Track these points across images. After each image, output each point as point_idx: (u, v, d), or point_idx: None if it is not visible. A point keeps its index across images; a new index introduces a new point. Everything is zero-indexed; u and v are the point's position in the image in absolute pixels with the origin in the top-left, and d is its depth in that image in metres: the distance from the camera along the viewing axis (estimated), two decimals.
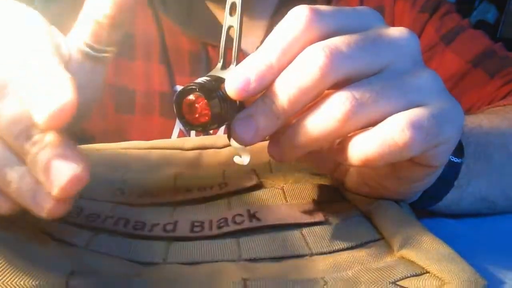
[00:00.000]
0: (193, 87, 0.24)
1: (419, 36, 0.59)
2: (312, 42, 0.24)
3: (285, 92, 0.24)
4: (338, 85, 0.24)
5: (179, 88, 0.59)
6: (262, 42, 0.25)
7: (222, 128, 0.58)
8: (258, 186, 0.33)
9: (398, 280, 0.22)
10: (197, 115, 0.25)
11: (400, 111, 0.23)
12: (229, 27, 0.26)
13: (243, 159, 0.27)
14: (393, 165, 0.27)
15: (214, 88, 0.25)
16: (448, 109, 0.24)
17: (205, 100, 0.24)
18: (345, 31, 0.24)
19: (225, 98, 0.25)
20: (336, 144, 0.25)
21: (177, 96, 0.25)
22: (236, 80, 0.24)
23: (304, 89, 0.23)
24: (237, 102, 0.25)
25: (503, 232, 0.34)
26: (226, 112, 0.25)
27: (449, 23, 0.59)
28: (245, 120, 0.25)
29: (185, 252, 0.26)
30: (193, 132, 0.59)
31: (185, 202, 0.32)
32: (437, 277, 0.22)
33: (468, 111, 0.54)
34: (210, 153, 0.38)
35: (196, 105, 0.25)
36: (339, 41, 0.23)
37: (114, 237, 0.26)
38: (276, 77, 0.24)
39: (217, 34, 0.27)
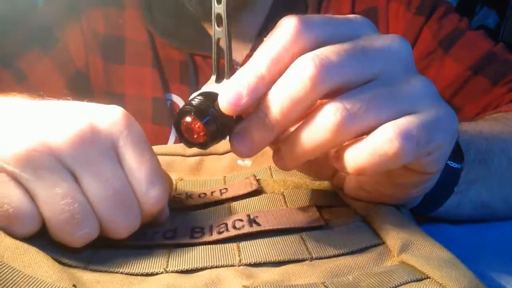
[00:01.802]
0: (188, 109, 0.25)
1: (416, 41, 0.58)
2: (302, 52, 0.24)
3: (277, 104, 0.24)
4: (331, 95, 0.24)
5: (171, 96, 0.59)
6: (251, 50, 0.25)
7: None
8: (259, 192, 0.33)
9: (398, 285, 0.22)
10: (195, 136, 0.25)
11: (392, 119, 0.23)
12: (219, 39, 0.27)
13: (246, 162, 0.28)
14: (390, 172, 0.27)
15: (208, 108, 0.25)
16: (440, 116, 0.24)
17: (201, 122, 0.25)
18: (335, 40, 0.24)
19: (220, 114, 0.25)
20: (333, 153, 0.25)
21: (175, 117, 0.26)
22: (228, 96, 0.24)
23: (296, 100, 0.23)
24: (234, 116, 0.26)
25: (504, 237, 0.34)
26: (223, 127, 0.25)
27: (447, 26, 0.57)
28: (240, 135, 0.25)
29: (185, 258, 0.26)
30: None
31: (186, 208, 0.32)
32: (438, 282, 0.22)
33: (472, 118, 0.53)
34: (211, 159, 0.38)
35: (193, 126, 0.25)
36: (329, 51, 0.23)
37: (113, 250, 0.26)
38: (269, 88, 0.24)
39: (204, 44, 0.27)
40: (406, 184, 0.28)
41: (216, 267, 0.25)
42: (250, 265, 0.25)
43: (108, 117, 0.26)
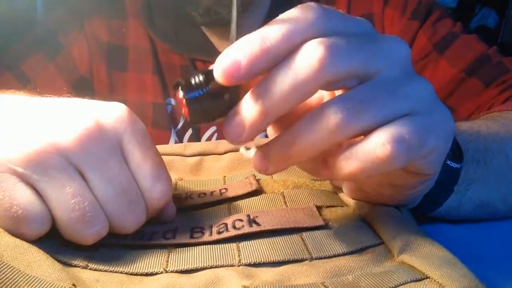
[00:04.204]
0: (179, 83, 0.24)
1: (411, 45, 0.59)
2: (314, 37, 0.23)
3: (277, 85, 0.22)
4: (332, 86, 0.24)
5: (171, 101, 0.60)
6: None
7: (218, 135, 0.59)
8: (259, 192, 0.33)
9: (398, 285, 0.22)
10: (183, 110, 0.25)
11: (390, 120, 0.23)
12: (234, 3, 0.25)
13: (250, 152, 0.27)
14: (388, 174, 0.27)
15: (199, 85, 0.24)
16: (436, 119, 0.24)
17: (185, 99, 0.24)
18: (345, 33, 0.24)
19: (213, 94, 0.24)
20: (321, 160, 0.25)
21: (173, 87, 0.25)
22: (223, 64, 0.22)
23: (299, 83, 0.22)
24: (225, 98, 0.24)
25: (503, 237, 0.34)
26: (212, 109, 0.24)
27: (441, 30, 0.58)
28: (232, 118, 0.24)
29: (185, 258, 0.26)
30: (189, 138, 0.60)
31: (186, 208, 0.32)
32: (438, 282, 0.22)
33: (465, 119, 0.54)
34: (210, 159, 0.38)
35: (181, 101, 0.24)
36: (338, 39, 0.23)
37: (113, 249, 0.26)
38: (270, 65, 0.23)
39: (205, 50, 0.26)
40: (404, 186, 0.28)
41: (216, 267, 0.25)
42: (249, 265, 0.25)
43: (112, 114, 0.26)
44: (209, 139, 0.59)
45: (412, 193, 0.29)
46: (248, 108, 0.23)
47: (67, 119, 0.25)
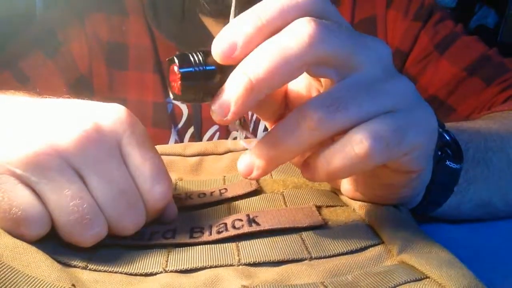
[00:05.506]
0: (177, 56, 0.24)
1: (413, 45, 0.59)
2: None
3: (265, 59, 0.22)
4: (318, 69, 0.23)
5: (172, 100, 0.60)
6: None
7: (220, 135, 0.59)
8: (258, 191, 0.33)
9: (398, 285, 0.22)
10: (174, 84, 0.24)
11: (370, 117, 0.23)
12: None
13: (251, 144, 0.26)
14: (375, 174, 0.27)
15: (195, 61, 0.24)
16: (417, 116, 0.24)
17: (179, 72, 0.24)
18: (337, 21, 0.24)
19: (208, 73, 0.24)
20: (302, 163, 0.25)
21: (167, 62, 0.25)
22: (221, 44, 0.23)
23: (288, 56, 0.22)
24: (218, 78, 0.24)
25: (503, 237, 0.34)
26: (203, 87, 0.24)
27: (442, 31, 0.59)
28: (219, 95, 0.24)
29: (184, 258, 0.26)
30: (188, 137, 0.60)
31: (185, 208, 0.32)
32: (437, 282, 0.22)
33: (466, 118, 0.55)
34: (210, 159, 0.38)
35: (174, 74, 0.24)
36: (330, 22, 0.23)
37: (113, 250, 0.26)
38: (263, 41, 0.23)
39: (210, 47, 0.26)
40: (394, 184, 0.28)
41: (215, 266, 0.25)
42: (249, 264, 0.25)
43: (111, 116, 0.26)
44: (210, 138, 0.59)
45: (407, 192, 0.29)
46: (234, 83, 0.23)
47: (66, 121, 0.25)
